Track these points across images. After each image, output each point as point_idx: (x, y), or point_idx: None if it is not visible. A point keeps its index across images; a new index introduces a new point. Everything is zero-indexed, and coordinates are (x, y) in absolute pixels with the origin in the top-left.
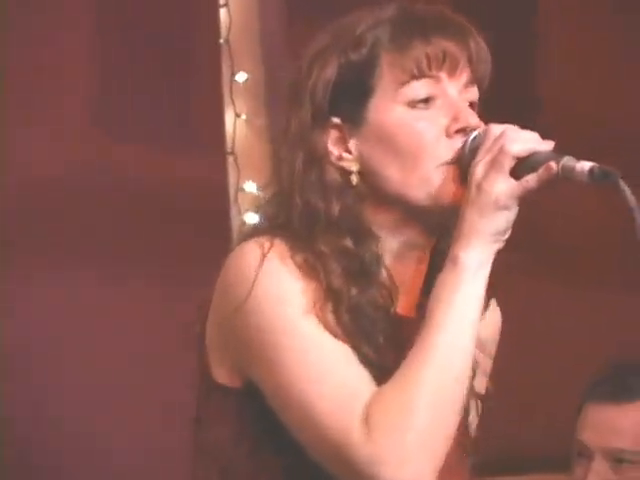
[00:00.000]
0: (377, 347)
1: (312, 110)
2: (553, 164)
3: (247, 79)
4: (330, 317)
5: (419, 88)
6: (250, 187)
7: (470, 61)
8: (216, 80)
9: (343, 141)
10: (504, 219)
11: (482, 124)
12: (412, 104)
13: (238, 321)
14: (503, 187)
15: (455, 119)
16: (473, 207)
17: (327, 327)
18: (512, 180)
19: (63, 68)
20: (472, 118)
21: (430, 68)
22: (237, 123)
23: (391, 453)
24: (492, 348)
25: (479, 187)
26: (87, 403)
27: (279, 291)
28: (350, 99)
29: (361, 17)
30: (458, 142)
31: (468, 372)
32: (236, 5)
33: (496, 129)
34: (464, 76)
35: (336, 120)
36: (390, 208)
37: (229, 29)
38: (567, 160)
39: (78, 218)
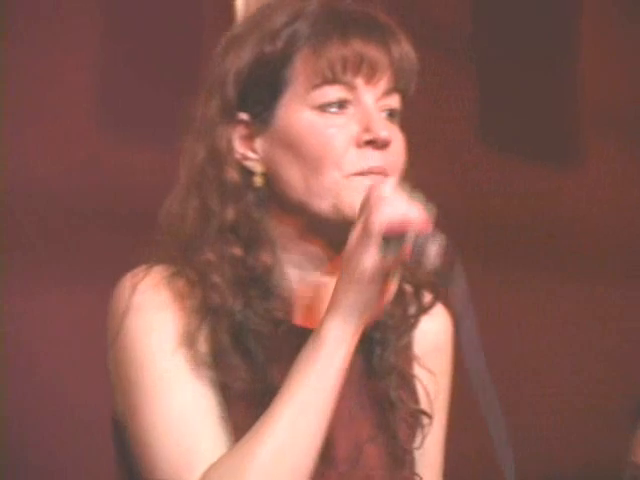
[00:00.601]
0: (257, 365)
1: (220, 102)
2: (408, 250)
3: None
4: (202, 344)
5: (331, 93)
6: None
7: (392, 67)
8: None
9: (250, 139)
10: (371, 295)
11: (394, 137)
12: (323, 108)
13: (110, 353)
14: (368, 263)
15: (367, 129)
16: (341, 278)
17: (195, 359)
18: (377, 256)
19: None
20: (384, 131)
21: (345, 73)
22: None
23: None
24: (439, 364)
25: (348, 259)
26: (87, 405)
27: (143, 328)
28: (260, 95)
29: (284, 7)
30: (367, 154)
31: (313, 449)
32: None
33: (374, 192)
34: (383, 83)
35: (244, 116)
36: (293, 217)
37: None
38: (420, 242)
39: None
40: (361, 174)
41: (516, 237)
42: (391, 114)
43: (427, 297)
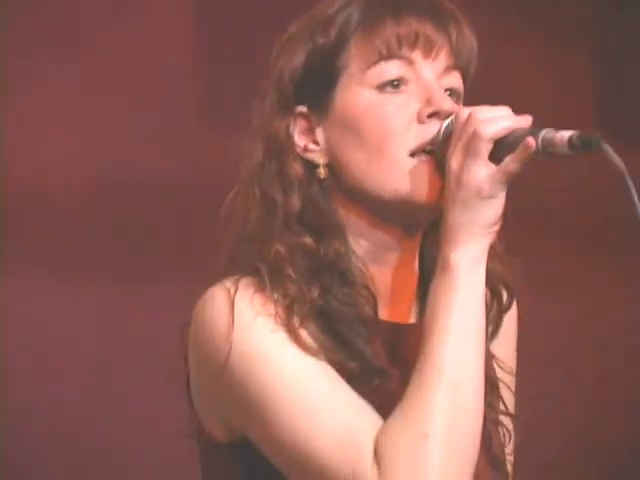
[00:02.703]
0: (362, 356)
1: (277, 99)
2: (531, 140)
3: None
4: (305, 336)
5: (388, 69)
6: None
7: (450, 45)
8: None
9: (310, 131)
10: (492, 209)
11: (459, 108)
12: (381, 87)
13: (224, 381)
14: (483, 175)
15: (428, 102)
16: (455, 202)
17: (309, 351)
18: (492, 166)
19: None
20: (447, 102)
21: (401, 48)
22: None
23: None
24: (511, 363)
25: (458, 180)
26: (85, 407)
27: (255, 340)
28: (317, 85)
29: (334, 1)
30: (431, 128)
31: (481, 386)
32: None
33: (465, 112)
34: (442, 59)
35: (302, 108)
36: (359, 205)
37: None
38: (546, 132)
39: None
40: (426, 147)
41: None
42: (452, 93)
43: (505, 296)
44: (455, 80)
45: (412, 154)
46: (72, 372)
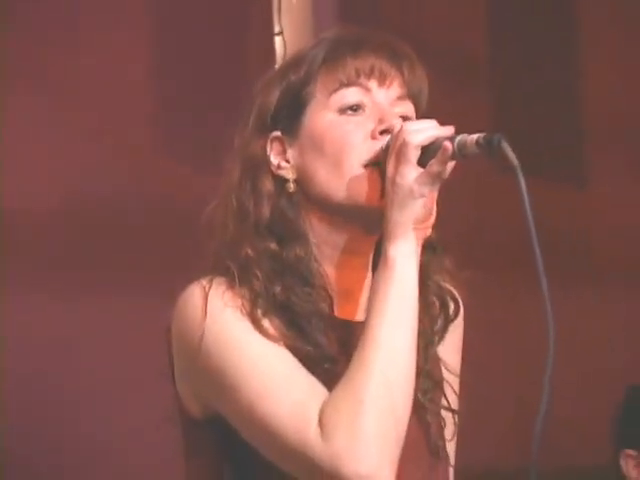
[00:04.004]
0: (317, 344)
1: (256, 126)
2: (448, 144)
3: None
4: (267, 325)
5: (348, 95)
6: None
7: (402, 77)
8: None
9: (283, 152)
10: (422, 207)
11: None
12: (342, 110)
13: (199, 363)
14: (413, 178)
15: (380, 122)
16: (392, 203)
17: (270, 337)
18: (420, 169)
19: None
20: (397, 120)
21: (359, 77)
22: None
23: (348, 450)
24: (456, 366)
25: (393, 183)
26: (84, 411)
27: (225, 326)
28: (289, 112)
29: (306, 46)
30: (382, 143)
31: (412, 363)
32: (290, 33)
33: (398, 125)
34: (395, 88)
35: (276, 133)
36: (322, 213)
37: (284, 58)
38: (461, 137)
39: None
40: (376, 160)
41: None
42: (405, 119)
43: (452, 306)
44: (407, 108)
45: (365, 165)
46: (71, 375)
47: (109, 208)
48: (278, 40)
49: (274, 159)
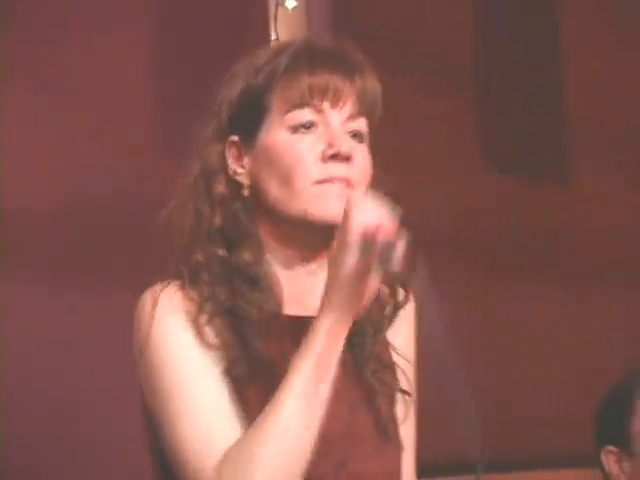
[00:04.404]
0: (259, 349)
1: (215, 127)
2: (377, 253)
3: None
4: (209, 332)
5: (301, 115)
6: None
7: (356, 94)
8: None
9: (239, 157)
10: (355, 291)
11: (356, 153)
12: (295, 129)
13: (141, 369)
14: (350, 264)
15: (330, 145)
16: (330, 279)
17: (209, 349)
18: (357, 257)
19: None
20: (345, 145)
21: (312, 98)
22: None
23: None
24: (408, 350)
25: (334, 261)
26: (84, 411)
27: (165, 340)
28: (247, 121)
29: (271, 48)
30: (331, 165)
31: (310, 436)
32: (286, 39)
33: (350, 201)
34: (348, 107)
35: (234, 138)
36: (274, 222)
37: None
38: (388, 246)
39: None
40: (324, 182)
41: (514, 250)
42: (356, 135)
43: (401, 295)
44: (360, 124)
45: (314, 184)
46: (70, 374)
47: (109, 208)
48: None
49: (231, 164)
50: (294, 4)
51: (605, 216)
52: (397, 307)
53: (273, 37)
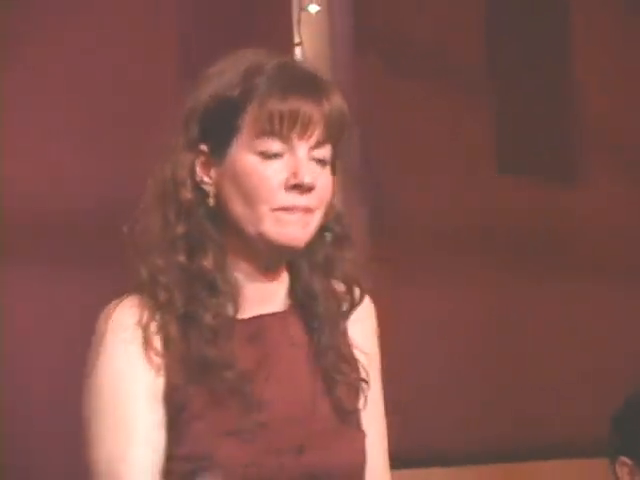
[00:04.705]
0: (214, 354)
1: (186, 132)
2: None
3: None
4: (157, 340)
5: (270, 144)
6: None
7: (323, 120)
8: None
9: (207, 167)
10: None
11: (318, 182)
12: (263, 155)
13: (86, 380)
14: None
15: (294, 175)
16: None
17: (152, 366)
18: None
19: None
20: (308, 177)
21: (282, 127)
22: None
23: None
24: (370, 345)
25: None
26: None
27: (107, 361)
28: (218, 134)
29: (247, 58)
30: (293, 195)
31: None
32: (309, 44)
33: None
34: (315, 136)
35: (204, 147)
36: (236, 234)
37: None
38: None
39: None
40: (285, 210)
41: (520, 249)
42: (320, 161)
43: (357, 292)
44: (325, 152)
45: (275, 210)
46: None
47: (109, 208)
48: (298, 50)
49: (199, 172)
50: (317, 9)
51: (612, 215)
52: (353, 304)
53: (297, 40)
